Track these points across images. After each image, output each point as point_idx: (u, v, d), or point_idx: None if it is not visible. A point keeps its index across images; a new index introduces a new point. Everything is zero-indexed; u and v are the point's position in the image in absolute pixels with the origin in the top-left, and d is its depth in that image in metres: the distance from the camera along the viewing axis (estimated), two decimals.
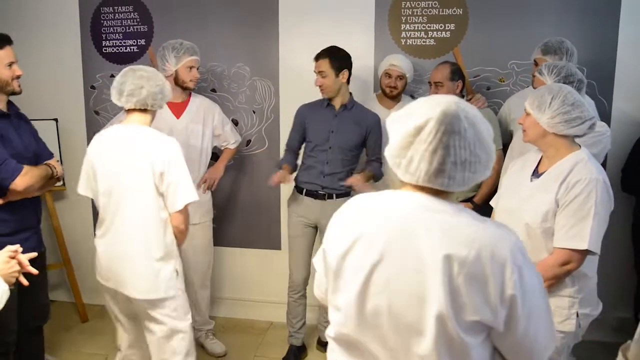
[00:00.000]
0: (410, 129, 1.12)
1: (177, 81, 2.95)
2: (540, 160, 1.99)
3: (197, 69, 2.98)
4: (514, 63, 3.12)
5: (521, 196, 1.93)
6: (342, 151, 2.88)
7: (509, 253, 1.09)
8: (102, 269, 2.31)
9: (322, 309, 3.17)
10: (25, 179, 2.22)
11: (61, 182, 3.58)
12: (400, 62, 3.00)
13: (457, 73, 2.87)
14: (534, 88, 2.37)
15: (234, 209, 3.58)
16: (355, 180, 2.76)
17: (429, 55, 3.23)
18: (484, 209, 2.76)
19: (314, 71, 2.86)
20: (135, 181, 2.17)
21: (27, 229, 2.37)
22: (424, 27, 3.21)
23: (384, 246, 1.13)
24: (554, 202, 1.83)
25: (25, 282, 1.71)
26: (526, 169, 2.00)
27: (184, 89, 2.99)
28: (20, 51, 3.77)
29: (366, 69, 3.27)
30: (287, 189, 3.24)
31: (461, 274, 1.07)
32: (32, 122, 3.30)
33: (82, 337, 3.43)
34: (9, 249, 1.69)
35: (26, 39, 3.67)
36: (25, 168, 2.24)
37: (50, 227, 3.60)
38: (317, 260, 1.35)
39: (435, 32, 3.20)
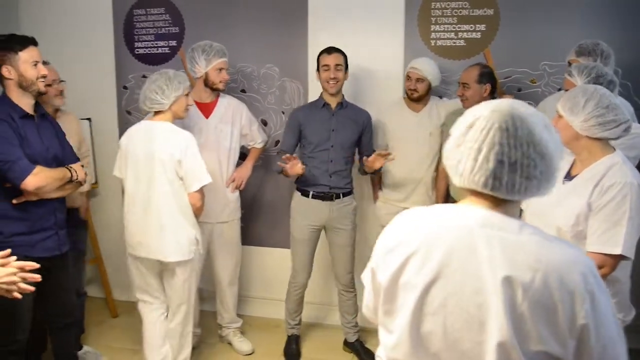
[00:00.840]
0: (462, 128, 1.09)
1: (206, 82, 2.99)
2: (573, 163, 1.96)
3: (227, 70, 3.01)
4: (546, 64, 3.07)
5: (553, 199, 1.89)
6: (343, 149, 2.96)
7: (581, 277, 0.99)
8: (134, 240, 2.67)
9: (342, 311, 3.19)
10: (36, 179, 2.22)
11: (94, 181, 3.67)
12: (420, 65, 2.98)
13: (486, 76, 2.83)
14: (565, 90, 2.33)
15: (261, 209, 3.61)
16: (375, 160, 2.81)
17: (459, 56, 3.20)
18: None
19: (326, 64, 2.90)
20: (160, 168, 2.54)
21: (44, 229, 2.37)
22: (454, 27, 3.19)
23: (440, 264, 1.05)
24: (587, 205, 1.80)
25: (30, 288, 1.61)
26: None
27: (214, 90, 3.02)
28: (55, 52, 3.88)
29: (395, 70, 3.25)
30: None
31: (526, 300, 0.97)
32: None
33: (113, 332, 3.51)
34: None
35: (61, 41, 3.77)
36: (38, 168, 2.24)
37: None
38: (365, 277, 1.25)
39: (465, 33, 3.18)
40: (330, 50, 2.94)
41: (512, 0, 3.08)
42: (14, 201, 2.26)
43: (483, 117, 1.06)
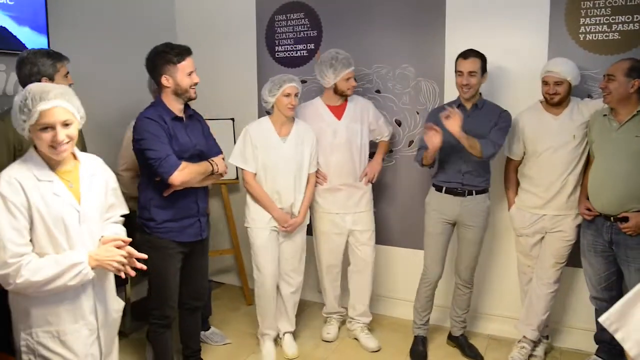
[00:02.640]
0: None
1: (336, 91, 3.14)
2: None
3: (354, 77, 3.12)
4: None
5: None
6: None
7: None
8: None
9: (455, 305, 3.20)
10: (182, 174, 2.41)
11: (235, 177, 3.92)
12: (556, 67, 2.80)
13: (637, 71, 2.58)
14: None
15: (393, 209, 3.63)
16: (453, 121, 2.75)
17: (613, 51, 2.95)
18: None
19: (460, 70, 2.88)
20: None
21: (188, 216, 2.57)
22: (607, 19, 2.95)
23: None
24: None
25: (132, 272, 1.83)
26: None
27: (342, 96, 3.16)
28: (204, 58, 4.21)
29: (539, 69, 3.01)
30: None
31: None
32: (212, 121, 3.71)
33: (246, 319, 3.70)
34: (117, 237, 1.85)
35: (209, 47, 4.09)
36: (184, 164, 2.43)
37: (224, 216, 3.96)
38: None
39: (620, 25, 2.92)
40: (466, 54, 2.89)
41: None
42: (164, 194, 2.49)
43: None
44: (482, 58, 2.89)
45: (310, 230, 3.31)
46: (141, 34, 3.75)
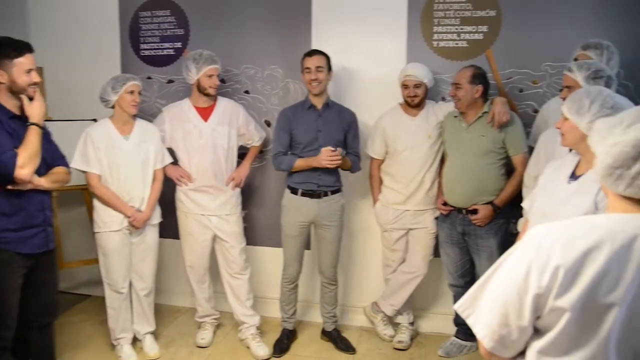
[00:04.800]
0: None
1: (199, 88, 3.11)
2: (578, 163, 1.97)
3: (218, 76, 3.12)
4: (548, 65, 3.10)
5: (557, 198, 1.92)
6: None
7: None
8: None
9: (323, 302, 3.31)
10: (23, 160, 2.19)
11: None
12: (414, 71, 3.03)
13: (478, 77, 2.86)
14: (565, 87, 2.36)
15: (263, 208, 3.63)
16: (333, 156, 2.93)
17: (461, 58, 3.23)
18: (511, 212, 2.75)
19: (308, 66, 3.01)
20: None
21: (33, 226, 2.38)
22: (456, 29, 3.22)
23: (630, 284, 1.01)
24: (593, 203, 1.81)
25: None
26: (563, 171, 1.99)
27: (205, 95, 3.13)
28: (61, 55, 3.91)
29: (398, 71, 3.20)
30: None
31: None
32: (72, 122, 3.47)
33: None
34: None
35: (68, 43, 3.81)
36: (19, 151, 2.20)
37: (88, 223, 3.71)
38: (509, 305, 1.10)
39: (467, 34, 3.21)
40: (311, 53, 3.05)
41: (514, 2, 3.12)
42: (9, 187, 2.23)
43: None
44: (327, 57, 3.04)
45: (177, 234, 3.27)
46: None
